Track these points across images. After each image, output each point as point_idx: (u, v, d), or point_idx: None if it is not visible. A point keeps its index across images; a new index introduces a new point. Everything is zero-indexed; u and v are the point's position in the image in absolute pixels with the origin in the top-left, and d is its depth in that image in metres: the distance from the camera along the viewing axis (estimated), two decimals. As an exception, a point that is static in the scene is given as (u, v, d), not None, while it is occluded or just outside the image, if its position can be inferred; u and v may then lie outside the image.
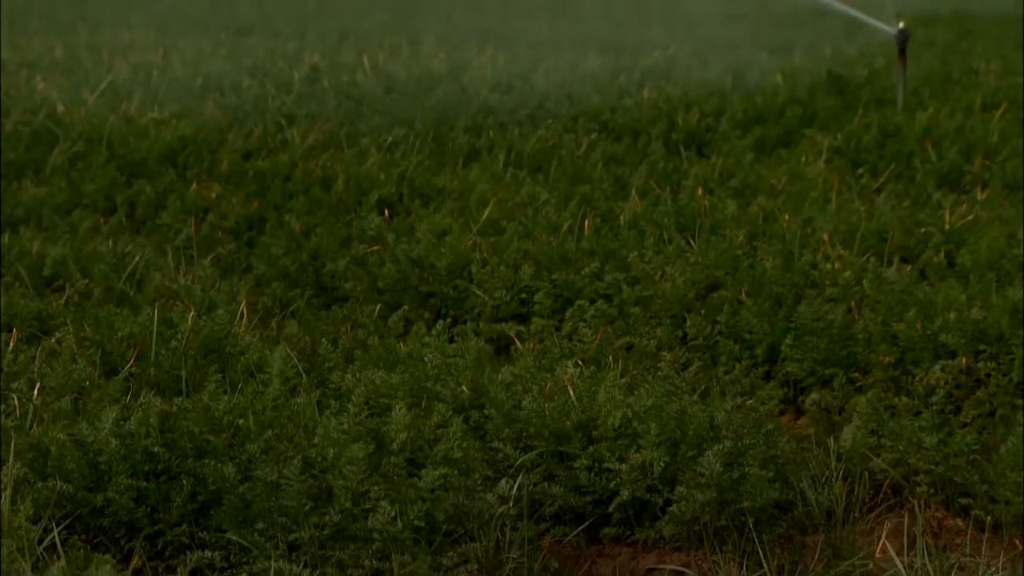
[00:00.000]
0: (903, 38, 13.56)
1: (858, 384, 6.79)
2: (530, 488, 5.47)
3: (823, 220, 8.92)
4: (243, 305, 7.31)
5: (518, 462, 5.61)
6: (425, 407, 5.92)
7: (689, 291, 7.64)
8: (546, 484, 5.55)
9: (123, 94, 13.87)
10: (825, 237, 8.49)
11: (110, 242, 8.79)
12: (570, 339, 7.25)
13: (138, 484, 5.21)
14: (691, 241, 8.63)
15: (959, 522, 5.68)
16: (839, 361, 6.92)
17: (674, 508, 5.43)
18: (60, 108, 12.43)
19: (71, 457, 5.27)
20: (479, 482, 5.36)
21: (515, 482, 5.40)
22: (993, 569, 5.29)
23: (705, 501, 5.37)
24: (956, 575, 5.27)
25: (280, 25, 22.76)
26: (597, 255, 8.19)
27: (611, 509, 5.55)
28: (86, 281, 7.96)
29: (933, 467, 5.74)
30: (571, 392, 5.85)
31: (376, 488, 5.20)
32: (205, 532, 5.15)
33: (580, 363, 6.48)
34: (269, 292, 8.10)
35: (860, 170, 11.01)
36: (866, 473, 5.82)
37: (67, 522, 5.12)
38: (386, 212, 9.44)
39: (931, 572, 5.20)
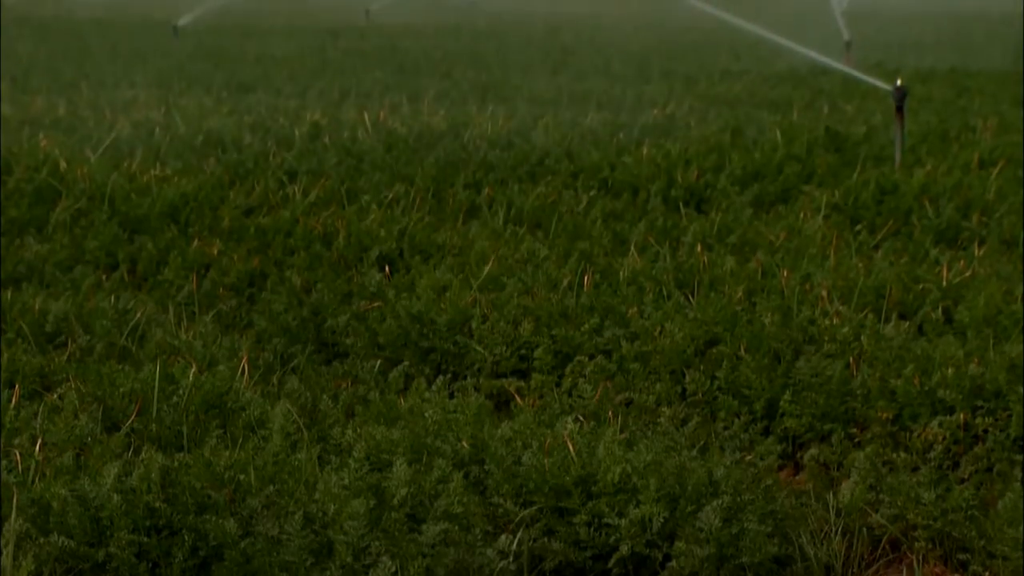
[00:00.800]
0: (900, 96, 13.64)
1: (856, 439, 6.82)
2: (530, 543, 5.49)
3: (821, 276, 8.96)
4: (244, 361, 7.34)
5: (518, 517, 5.63)
6: (425, 462, 5.94)
7: (688, 347, 7.67)
8: (546, 539, 5.57)
9: (125, 151, 13.94)
10: (823, 293, 8.52)
11: (112, 298, 8.82)
12: (570, 395, 7.27)
13: (140, 539, 5.23)
14: (690, 297, 8.66)
15: (957, 577, 5.70)
16: (837, 416, 6.95)
17: (673, 563, 5.45)
18: (63, 165, 12.49)
19: (73, 513, 5.29)
20: (479, 537, 5.38)
21: (515, 537, 5.43)
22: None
23: (704, 556, 5.39)
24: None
25: (281, 83, 22.87)
26: (596, 311, 8.22)
27: (611, 564, 5.56)
28: (88, 337, 7.99)
29: (931, 522, 5.76)
30: (571, 447, 5.87)
31: (377, 543, 5.22)
32: (206, 587, 5.18)
33: (580, 418, 6.51)
34: (270, 348, 8.13)
35: (858, 226, 11.06)
36: (865, 528, 5.84)
37: (69, 577, 5.15)
38: (387, 268, 9.49)
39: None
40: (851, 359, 7.40)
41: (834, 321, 7.96)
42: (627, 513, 5.57)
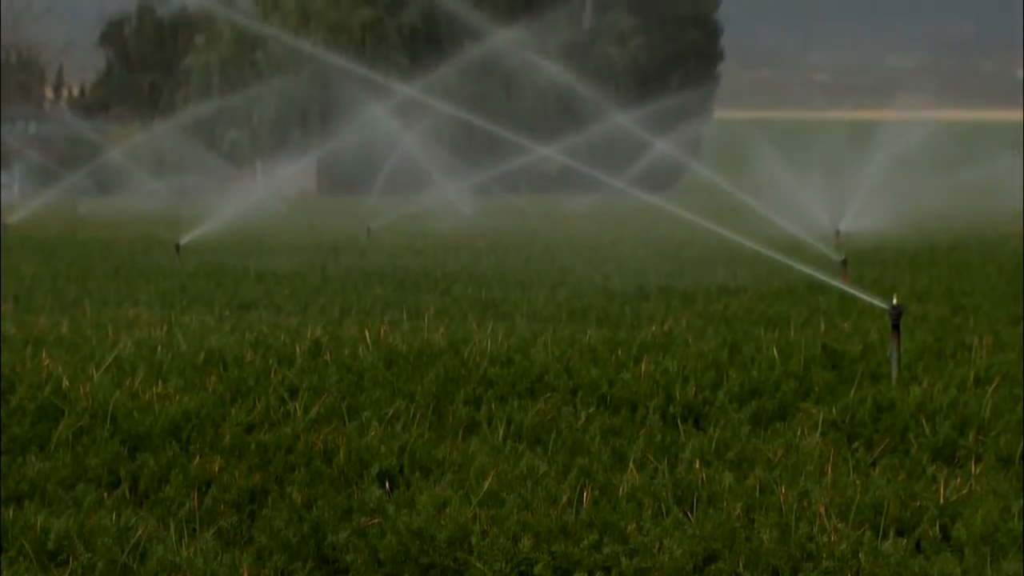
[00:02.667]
0: (896, 314, 13.78)
1: (856, 656, 6.82)
2: None
3: (819, 493, 9.01)
4: (245, 577, 7.37)
5: None
6: None
7: (687, 563, 7.70)
8: None
9: (128, 369, 14.04)
10: (821, 510, 8.56)
11: (114, 515, 8.85)
12: (569, 611, 7.29)
13: None
14: (688, 513, 8.70)
15: None
16: (837, 633, 6.96)
17: None
18: (65, 383, 12.58)
19: None
20: None
21: None
22: None
23: None
24: None
25: (283, 300, 23.09)
26: (596, 527, 8.26)
27: None
28: (89, 555, 8.02)
29: None
30: (570, 664, 5.89)
31: None
32: None
33: (579, 635, 6.52)
34: (271, 564, 8.15)
35: (855, 443, 11.12)
36: None
37: None
38: (387, 484, 9.54)
39: None
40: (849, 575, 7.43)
41: (832, 538, 7.99)
42: None
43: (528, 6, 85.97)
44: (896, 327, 13.75)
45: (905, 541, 8.21)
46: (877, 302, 15.77)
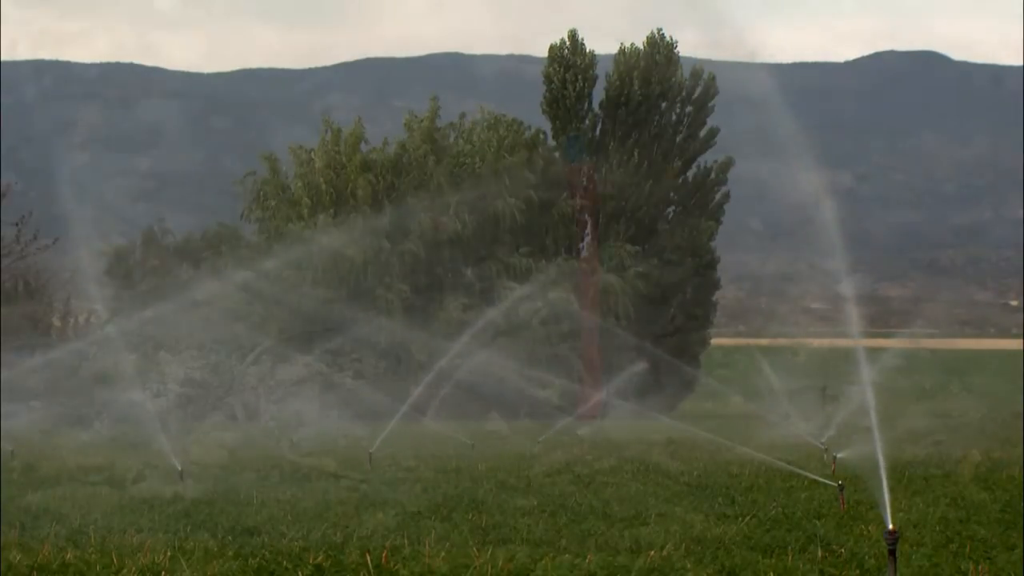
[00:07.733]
0: (893, 540, 14.04)
1: None
2: None
3: None
4: None
5: None
6: None
7: None
8: None
9: (133, 594, 14.24)
10: None
11: None
12: None
13: None
14: None
15: None
16: None
17: None
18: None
19: None
20: None
21: None
22: None
23: None
24: None
25: (285, 526, 23.26)
26: None
27: None
28: None
29: None
30: None
31: None
32: None
33: None
34: None
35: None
36: None
37: None
38: None
39: None
40: None
41: None
42: None
43: (528, 235, 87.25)
44: (892, 552, 13.99)
45: None
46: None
